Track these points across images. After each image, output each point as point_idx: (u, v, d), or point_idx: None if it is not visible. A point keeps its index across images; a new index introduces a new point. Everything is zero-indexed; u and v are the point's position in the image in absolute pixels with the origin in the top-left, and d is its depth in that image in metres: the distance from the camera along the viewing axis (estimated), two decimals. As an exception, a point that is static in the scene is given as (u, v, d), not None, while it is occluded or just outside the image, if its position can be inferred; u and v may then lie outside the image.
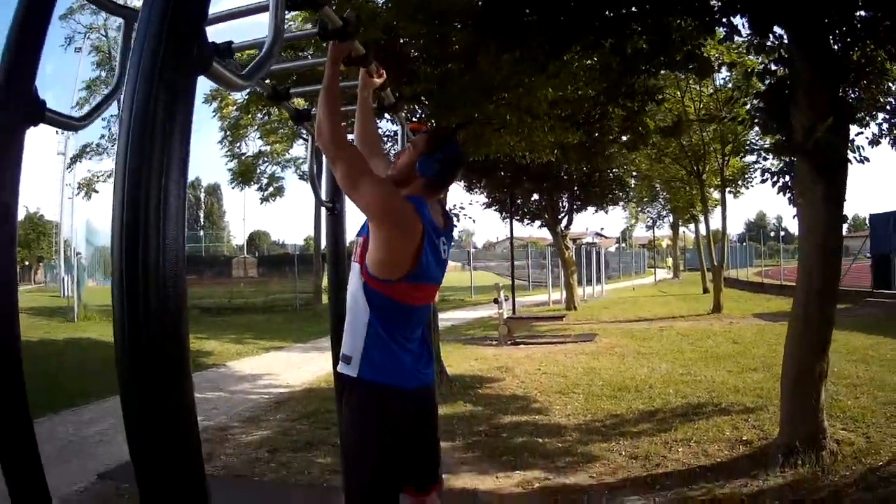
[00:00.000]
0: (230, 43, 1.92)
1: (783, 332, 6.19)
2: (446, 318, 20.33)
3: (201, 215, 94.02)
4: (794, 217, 6.31)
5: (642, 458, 5.85)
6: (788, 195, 6.29)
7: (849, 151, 5.98)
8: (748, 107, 8.63)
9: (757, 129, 9.27)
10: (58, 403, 8.66)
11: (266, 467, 6.09)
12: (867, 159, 6.26)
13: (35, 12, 1.85)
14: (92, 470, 6.05)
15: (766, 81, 6.53)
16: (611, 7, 6.12)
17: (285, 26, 2.16)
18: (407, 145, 2.97)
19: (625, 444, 6.31)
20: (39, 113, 1.87)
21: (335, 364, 2.92)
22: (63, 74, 49.23)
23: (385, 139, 10.26)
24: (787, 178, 6.37)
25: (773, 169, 6.76)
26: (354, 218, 3.19)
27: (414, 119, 7.47)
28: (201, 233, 73.29)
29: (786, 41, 6.16)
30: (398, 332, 2.71)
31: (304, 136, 3.04)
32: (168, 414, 1.44)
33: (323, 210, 4.39)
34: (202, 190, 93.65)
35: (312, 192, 4.27)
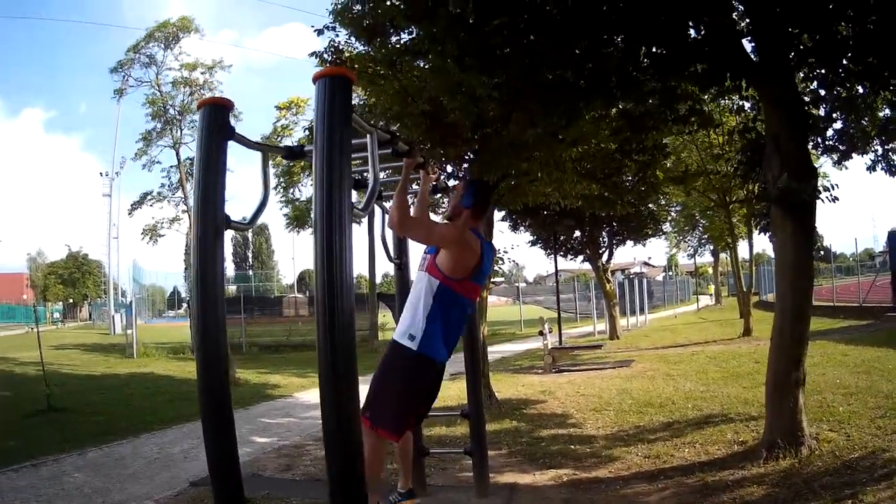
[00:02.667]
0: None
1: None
2: (498, 350, 21.29)
3: (250, 255, 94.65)
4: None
5: (653, 458, 6.95)
6: (769, 234, 7.45)
7: (824, 191, 7.09)
8: (730, 161, 9.78)
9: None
10: (137, 428, 9.77)
11: (338, 474, 7.21)
12: (837, 199, 7.37)
13: (215, 159, 3.20)
14: (183, 479, 6.98)
15: (746, 136, 7.68)
16: (622, 70, 6.91)
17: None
18: (452, 193, 4.63)
19: (641, 447, 7.39)
20: (227, 223, 3.20)
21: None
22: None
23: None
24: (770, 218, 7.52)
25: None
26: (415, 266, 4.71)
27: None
28: (250, 272, 73.73)
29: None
30: (452, 320, 4.24)
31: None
32: (348, 375, 2.84)
33: (378, 254, 5.84)
34: (250, 230, 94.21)
35: (384, 251, 5.74)
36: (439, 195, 6.03)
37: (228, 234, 3.32)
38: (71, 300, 74.45)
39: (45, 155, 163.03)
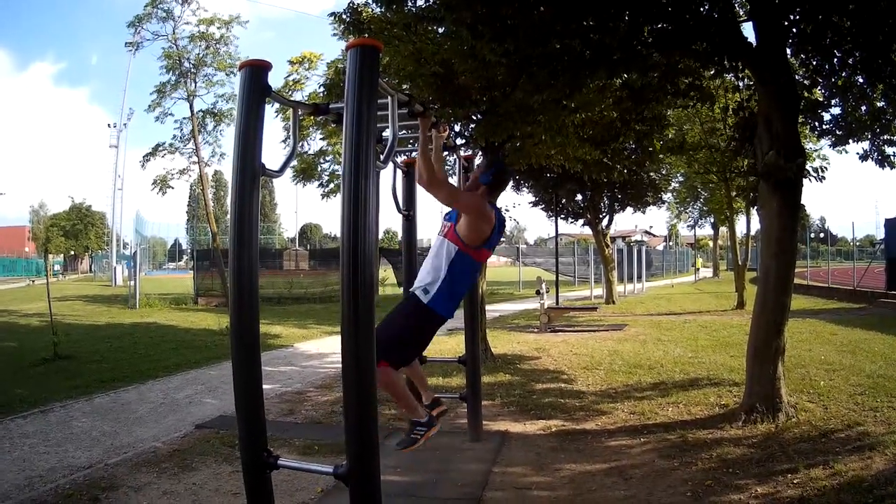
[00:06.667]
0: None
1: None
2: (496, 309, 21.71)
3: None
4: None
5: (639, 414, 7.36)
6: (755, 207, 7.75)
7: (811, 170, 7.34)
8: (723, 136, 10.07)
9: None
10: (142, 375, 10.08)
11: (338, 418, 7.27)
12: (823, 178, 7.64)
13: (254, 114, 3.55)
14: (189, 422, 7.37)
15: (739, 114, 7.92)
16: (627, 44, 7.05)
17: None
18: (475, 168, 5.06)
19: (628, 404, 7.80)
20: (262, 170, 3.56)
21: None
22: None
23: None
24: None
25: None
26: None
27: (469, 152, 8.89)
28: (252, 224, 75.08)
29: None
30: (461, 282, 4.62)
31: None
32: (369, 317, 3.20)
33: (391, 211, 6.13)
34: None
35: (394, 203, 6.05)
36: (447, 153, 6.27)
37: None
38: (73, 252, 74.26)
39: (51, 108, 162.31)
